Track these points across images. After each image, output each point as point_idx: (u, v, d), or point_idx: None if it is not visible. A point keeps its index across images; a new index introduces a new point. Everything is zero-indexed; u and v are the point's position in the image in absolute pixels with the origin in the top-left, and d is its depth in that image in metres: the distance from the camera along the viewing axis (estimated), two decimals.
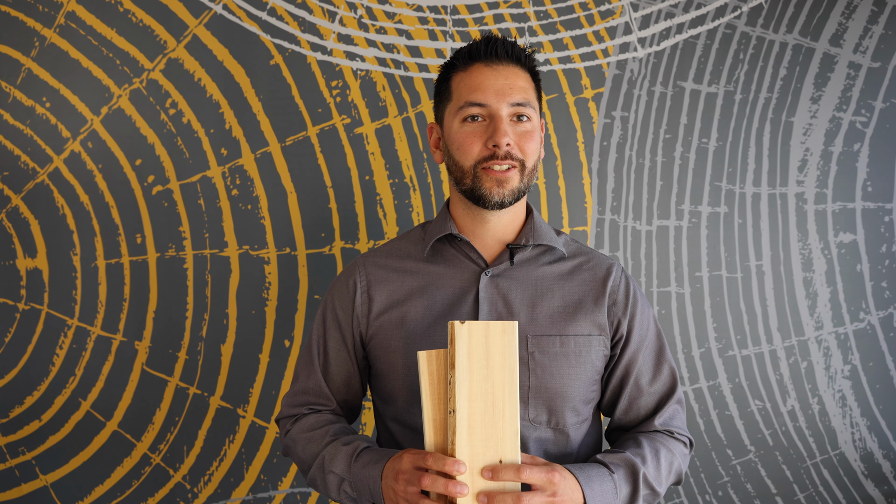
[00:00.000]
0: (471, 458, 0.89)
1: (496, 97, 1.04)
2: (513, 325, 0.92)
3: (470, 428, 0.89)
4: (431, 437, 0.92)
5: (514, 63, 1.07)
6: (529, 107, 1.06)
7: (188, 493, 1.47)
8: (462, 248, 1.11)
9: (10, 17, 1.42)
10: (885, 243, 1.52)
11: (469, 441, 0.89)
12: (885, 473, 1.53)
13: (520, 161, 1.05)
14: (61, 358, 1.44)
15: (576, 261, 1.12)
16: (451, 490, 0.87)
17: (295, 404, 1.15)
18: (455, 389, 0.89)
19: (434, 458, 0.89)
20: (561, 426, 1.06)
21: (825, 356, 1.52)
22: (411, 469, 0.91)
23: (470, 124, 1.06)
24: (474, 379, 0.90)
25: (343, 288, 1.14)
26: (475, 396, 0.90)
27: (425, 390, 0.91)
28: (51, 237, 1.44)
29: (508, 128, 1.04)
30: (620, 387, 1.11)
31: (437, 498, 0.90)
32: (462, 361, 0.89)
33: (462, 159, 1.06)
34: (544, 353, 1.05)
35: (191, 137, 1.45)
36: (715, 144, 1.51)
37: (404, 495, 0.91)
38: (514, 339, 0.92)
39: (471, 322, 0.90)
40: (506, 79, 1.05)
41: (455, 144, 1.07)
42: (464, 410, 0.89)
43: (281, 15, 1.45)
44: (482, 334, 0.90)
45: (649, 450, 1.04)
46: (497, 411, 0.90)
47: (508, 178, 1.04)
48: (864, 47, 1.51)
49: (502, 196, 1.05)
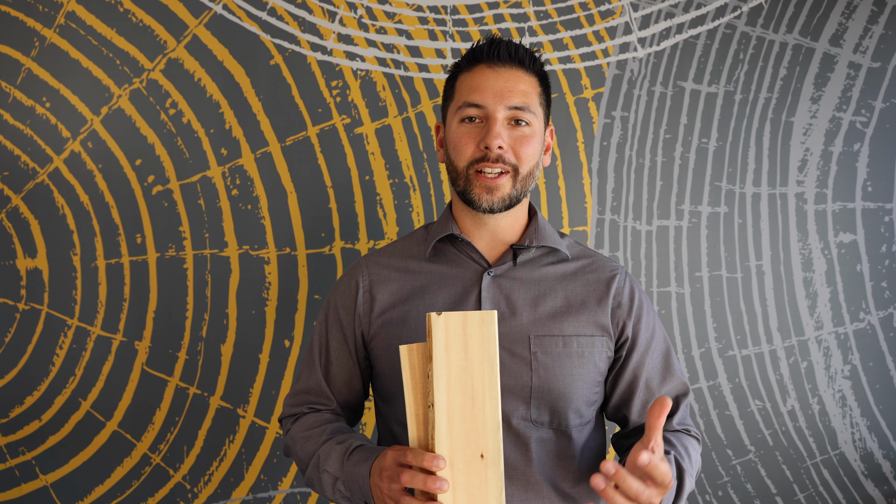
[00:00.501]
0: (451, 452, 0.87)
1: (493, 99, 1.04)
2: (492, 314, 0.89)
3: (450, 422, 0.87)
4: (415, 432, 0.90)
5: (517, 66, 1.06)
6: (528, 111, 1.05)
7: (188, 493, 1.47)
8: (464, 248, 1.11)
9: (10, 17, 1.42)
10: (885, 243, 1.52)
11: (449, 435, 0.87)
12: (885, 473, 1.53)
13: (513, 166, 1.04)
14: (61, 358, 1.44)
15: (579, 263, 1.12)
16: (431, 486, 0.85)
17: (296, 404, 1.15)
18: (433, 383, 0.87)
19: (414, 453, 0.87)
20: (563, 427, 1.05)
21: (825, 356, 1.52)
22: (393, 465, 0.90)
23: (467, 125, 1.05)
24: (452, 371, 0.87)
25: (346, 287, 1.14)
26: (454, 389, 0.87)
27: (407, 385, 0.89)
28: (51, 237, 1.44)
29: (504, 131, 1.03)
30: (630, 390, 1.10)
31: (421, 495, 0.89)
32: (440, 353, 0.87)
33: (456, 159, 1.06)
34: (547, 354, 1.04)
35: (191, 137, 1.45)
36: (715, 144, 1.51)
37: (388, 492, 0.90)
38: (494, 329, 0.89)
39: (448, 313, 0.88)
40: (506, 81, 1.05)
41: (451, 144, 1.07)
42: (443, 404, 0.87)
43: (281, 15, 1.45)
44: (460, 325, 0.88)
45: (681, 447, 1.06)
46: (477, 404, 0.88)
47: (499, 185, 1.04)
48: (864, 47, 1.51)
49: (491, 203, 1.04)
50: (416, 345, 0.90)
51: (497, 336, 0.89)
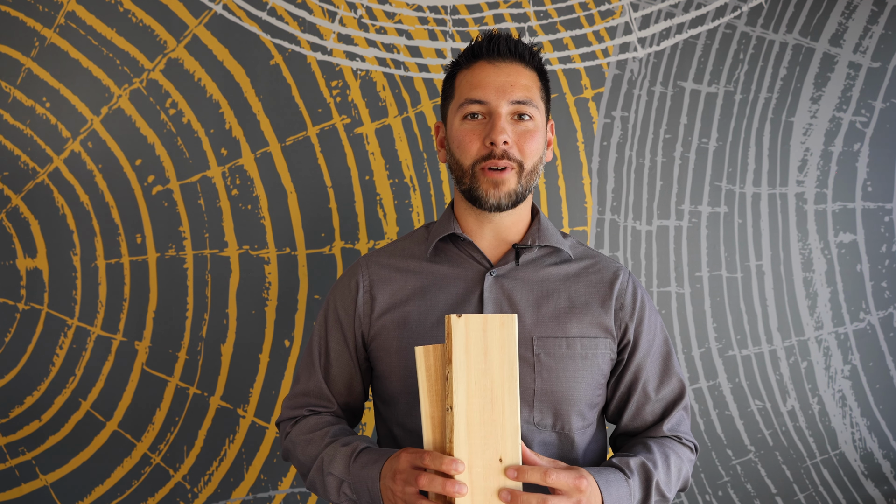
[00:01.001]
0: (469, 455, 0.86)
1: (496, 94, 1.03)
2: (512, 318, 0.88)
3: (469, 425, 0.86)
4: (430, 435, 0.89)
5: (517, 60, 1.06)
6: (531, 105, 1.04)
7: (188, 493, 1.47)
8: (466, 248, 1.10)
9: (10, 17, 1.42)
10: (885, 243, 1.52)
11: (468, 439, 0.86)
12: (885, 473, 1.53)
13: (518, 162, 1.03)
14: (61, 358, 1.44)
15: (582, 263, 1.11)
16: (450, 490, 0.85)
17: (295, 406, 1.13)
18: (453, 385, 0.86)
19: (432, 456, 0.87)
20: (566, 430, 1.04)
21: (825, 356, 1.52)
22: (409, 468, 0.90)
23: (470, 122, 1.05)
24: (472, 374, 0.87)
25: (345, 288, 1.13)
26: (473, 392, 0.87)
27: (423, 387, 0.89)
28: (51, 237, 1.43)
29: (508, 126, 1.03)
30: (628, 393, 1.10)
31: (435, 497, 0.88)
32: (459, 356, 0.87)
33: (462, 157, 1.05)
34: (550, 356, 1.03)
35: (191, 137, 1.45)
36: (715, 144, 1.51)
37: (402, 496, 0.89)
38: (514, 332, 0.88)
39: (468, 315, 0.87)
40: (507, 76, 1.04)
41: (455, 142, 1.06)
42: (462, 407, 0.86)
43: (281, 15, 1.45)
44: (480, 328, 0.87)
45: (660, 455, 1.03)
46: (496, 408, 0.87)
47: (505, 180, 1.03)
48: (864, 47, 1.51)
49: (498, 198, 1.03)
50: (432, 346, 0.89)
51: (517, 339, 0.89)
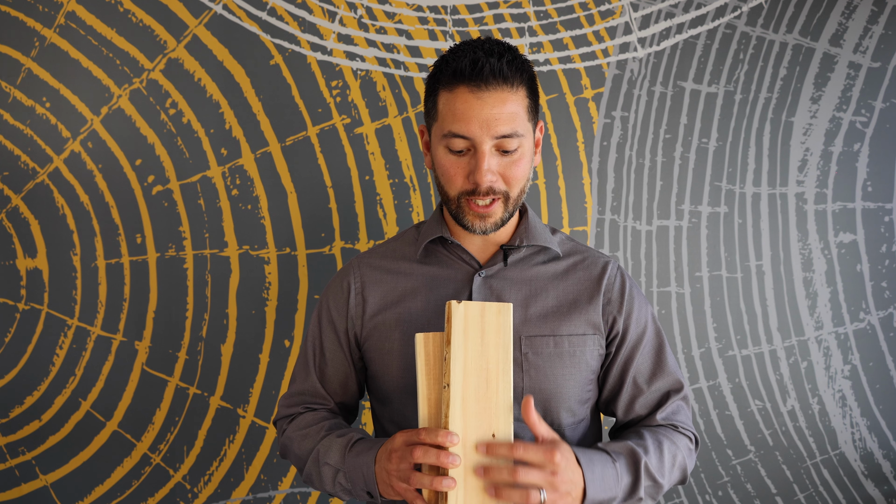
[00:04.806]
0: (464, 431, 0.90)
1: (480, 129, 0.98)
2: (508, 306, 0.94)
3: (464, 401, 0.91)
4: (425, 412, 0.93)
5: (501, 84, 0.98)
6: (516, 136, 1.00)
7: (188, 493, 1.47)
8: (455, 250, 1.10)
9: (10, 17, 1.42)
10: (885, 243, 1.52)
11: (462, 414, 0.91)
12: (885, 473, 1.53)
13: (503, 193, 1.02)
14: (61, 358, 1.44)
15: (571, 260, 1.12)
16: (443, 460, 0.87)
17: (291, 405, 1.15)
18: (450, 364, 0.91)
19: (427, 431, 0.90)
20: (556, 427, 1.05)
21: (825, 356, 1.52)
22: (403, 446, 0.92)
23: (454, 155, 1.02)
24: (469, 355, 0.92)
25: (337, 289, 1.13)
26: (469, 372, 0.92)
27: (421, 370, 0.93)
28: (51, 237, 1.44)
29: (493, 160, 1.00)
30: (619, 386, 1.10)
31: (428, 471, 0.90)
32: (458, 338, 0.92)
33: (447, 187, 1.04)
34: (538, 354, 1.04)
35: (191, 137, 1.45)
36: (715, 144, 1.51)
37: (396, 473, 0.91)
38: (509, 319, 0.94)
39: (467, 302, 0.93)
40: (492, 107, 0.98)
41: (440, 170, 1.04)
42: (458, 384, 0.91)
43: (281, 15, 1.45)
44: (478, 313, 0.93)
45: (652, 441, 1.03)
46: (491, 386, 0.92)
47: (491, 213, 1.03)
48: (864, 47, 1.51)
49: (484, 228, 1.04)
50: (431, 333, 0.94)
51: (512, 326, 0.95)
